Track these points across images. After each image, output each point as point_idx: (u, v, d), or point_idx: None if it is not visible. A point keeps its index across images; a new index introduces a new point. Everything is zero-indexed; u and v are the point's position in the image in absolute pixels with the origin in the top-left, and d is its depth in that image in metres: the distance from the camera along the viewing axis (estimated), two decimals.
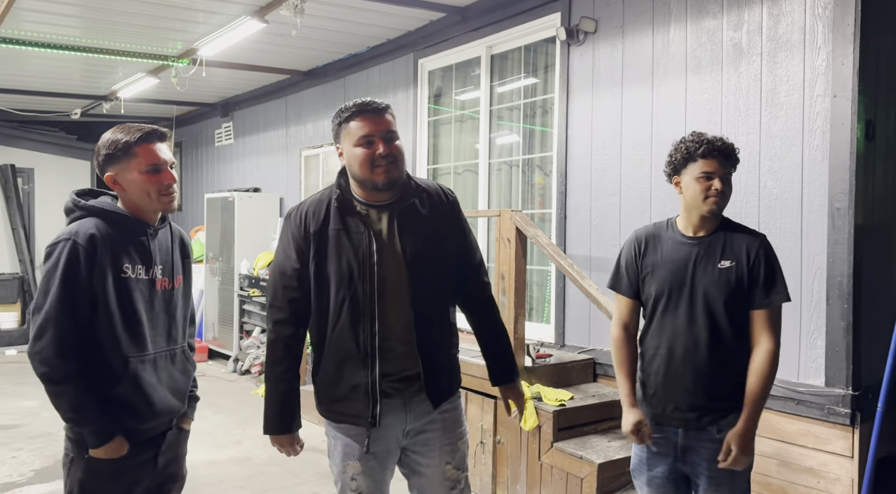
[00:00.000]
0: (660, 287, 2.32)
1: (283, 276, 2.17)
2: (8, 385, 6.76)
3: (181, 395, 2.19)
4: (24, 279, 9.53)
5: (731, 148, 2.28)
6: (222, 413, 5.73)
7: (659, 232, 2.40)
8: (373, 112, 2.13)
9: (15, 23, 5.61)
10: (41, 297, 1.94)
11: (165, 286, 2.13)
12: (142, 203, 2.06)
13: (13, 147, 9.82)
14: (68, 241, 1.95)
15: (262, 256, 7.36)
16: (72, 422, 1.99)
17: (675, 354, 2.28)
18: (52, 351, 1.91)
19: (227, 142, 9.15)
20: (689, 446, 2.29)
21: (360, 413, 2.14)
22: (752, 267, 2.24)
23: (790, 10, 3.45)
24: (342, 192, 2.17)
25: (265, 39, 5.91)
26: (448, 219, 2.26)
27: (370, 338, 2.11)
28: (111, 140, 2.05)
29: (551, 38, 4.74)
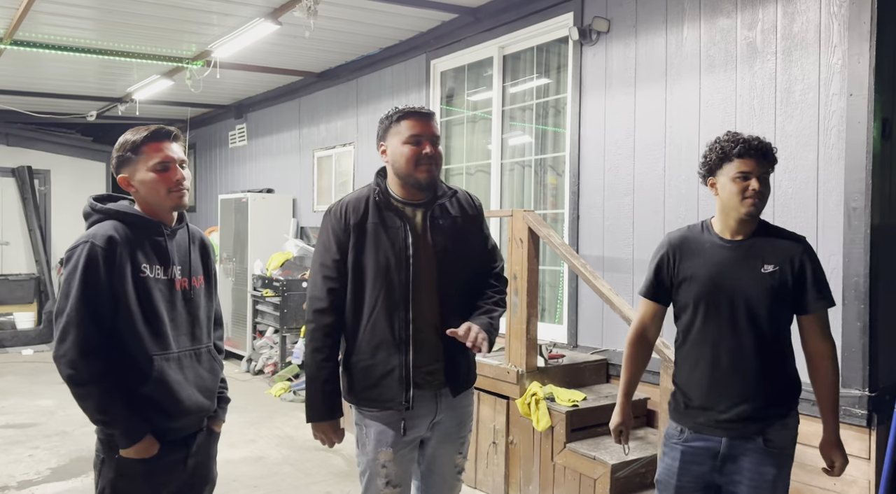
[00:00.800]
0: (700, 293, 2.24)
1: (324, 267, 2.29)
2: (25, 384, 6.84)
3: (209, 393, 2.19)
4: (40, 280, 9.63)
5: (768, 147, 2.21)
6: (235, 412, 5.76)
7: (695, 235, 2.31)
8: (423, 116, 2.29)
9: (32, 26, 5.69)
10: (63, 300, 1.97)
11: (185, 286, 2.14)
12: (153, 201, 2.09)
13: (30, 149, 9.93)
14: (87, 244, 1.98)
15: (275, 257, 7.39)
16: (100, 424, 2.00)
17: (721, 362, 2.21)
18: (75, 353, 1.92)
19: (241, 144, 9.21)
20: (732, 455, 2.22)
21: (394, 397, 2.24)
22: (796, 272, 2.18)
23: (805, 9, 3.43)
24: (381, 190, 2.30)
25: (278, 41, 5.94)
26: (473, 222, 2.42)
27: (405, 326, 2.23)
28: (122, 142, 2.10)
29: (564, 38, 4.73)
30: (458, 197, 2.41)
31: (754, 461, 2.20)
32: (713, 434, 2.23)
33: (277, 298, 6.95)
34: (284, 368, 6.80)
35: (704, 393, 2.24)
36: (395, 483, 2.31)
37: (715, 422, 2.22)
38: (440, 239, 2.29)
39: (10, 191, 9.77)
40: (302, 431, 5.33)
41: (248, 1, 5.07)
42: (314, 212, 7.68)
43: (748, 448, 2.21)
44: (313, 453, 4.83)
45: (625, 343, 2.45)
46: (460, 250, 2.33)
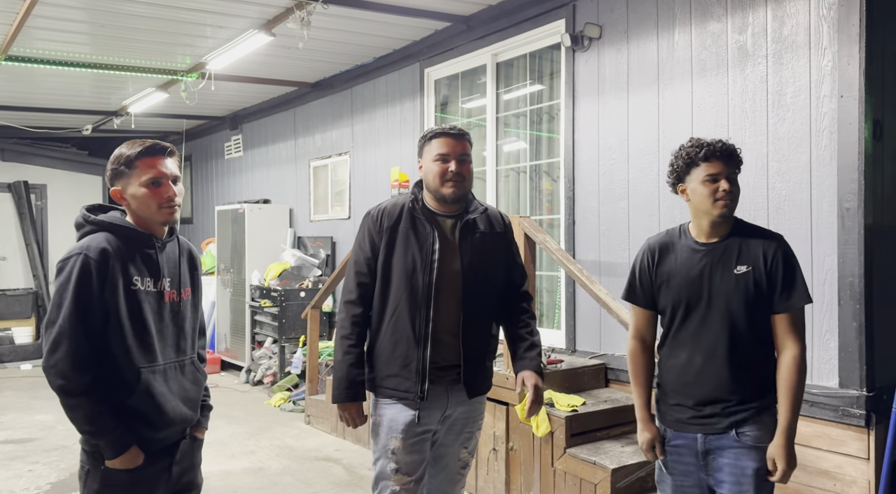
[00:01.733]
0: (676, 296, 2.28)
1: (357, 263, 2.50)
2: (24, 399, 6.82)
3: (193, 404, 2.22)
4: (38, 294, 9.62)
5: (731, 148, 2.25)
6: (235, 423, 5.75)
7: (672, 239, 2.35)
8: (453, 136, 2.46)
9: (26, 41, 5.70)
10: (54, 311, 1.97)
11: (174, 298, 2.16)
12: (145, 215, 2.10)
13: (26, 164, 9.94)
14: (80, 256, 1.98)
15: (272, 267, 7.40)
16: (88, 435, 2.02)
17: (694, 362, 2.26)
18: (67, 364, 1.93)
19: (237, 155, 9.22)
20: (710, 450, 2.26)
21: (409, 388, 2.41)
22: (769, 271, 2.20)
23: (794, 12, 3.46)
24: (416, 199, 2.50)
25: (273, 52, 5.97)
26: (502, 239, 2.58)
27: (424, 324, 2.41)
28: (117, 155, 2.11)
29: (556, 44, 4.76)
30: (489, 214, 2.57)
31: (732, 455, 2.23)
32: (688, 431, 2.29)
33: (276, 308, 6.94)
34: (284, 378, 6.79)
35: (679, 390, 2.30)
36: (406, 471, 2.43)
37: (688, 419, 2.28)
38: (467, 251, 2.46)
39: (7, 207, 9.77)
40: (302, 441, 5.32)
41: (241, 13, 5.09)
42: (311, 221, 7.69)
43: (724, 443, 2.23)
44: (313, 463, 4.82)
45: (627, 358, 2.45)
46: (486, 265, 2.48)
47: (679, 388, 2.29)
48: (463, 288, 2.43)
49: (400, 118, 6.28)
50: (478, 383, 2.53)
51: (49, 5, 4.86)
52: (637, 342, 2.42)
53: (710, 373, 2.24)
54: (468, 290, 2.44)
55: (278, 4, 4.89)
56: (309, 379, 5.89)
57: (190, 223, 10.57)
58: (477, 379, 2.51)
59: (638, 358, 2.42)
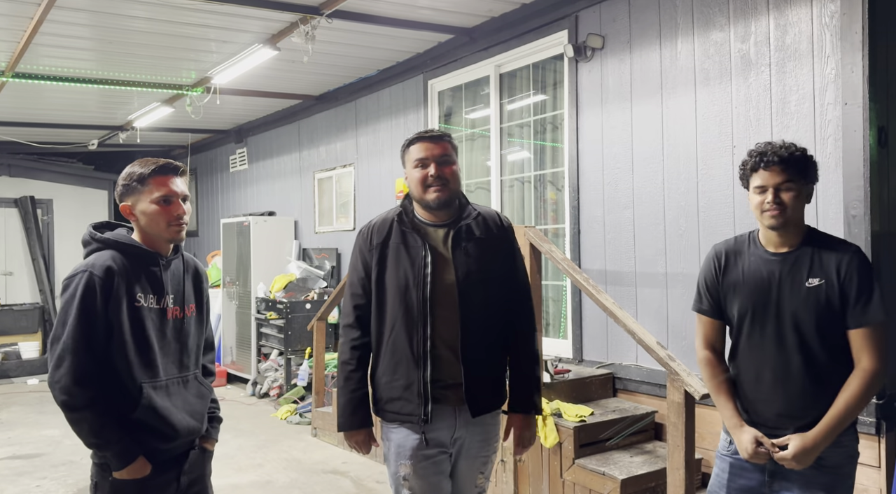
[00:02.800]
0: (742, 307, 2.18)
1: (352, 285, 2.42)
2: (31, 414, 6.82)
3: (199, 416, 2.24)
4: (44, 309, 9.64)
5: (787, 154, 2.10)
6: (242, 436, 5.74)
7: (740, 247, 2.25)
8: (430, 139, 2.36)
9: (33, 58, 5.75)
10: (59, 327, 2.02)
11: (177, 315, 2.20)
12: (153, 232, 2.15)
13: (32, 179, 10.00)
14: (85, 273, 2.03)
15: (278, 279, 7.41)
16: (94, 447, 2.06)
17: (764, 378, 2.15)
18: (70, 380, 1.97)
19: (242, 168, 9.26)
20: (779, 470, 2.14)
21: (413, 411, 2.30)
22: (843, 284, 2.07)
23: (797, 20, 3.47)
24: (405, 211, 2.41)
25: (277, 66, 6.01)
26: (500, 243, 2.43)
27: (423, 342, 2.30)
28: (128, 172, 2.16)
29: (559, 55, 4.78)
30: (484, 216, 2.43)
31: (804, 481, 2.11)
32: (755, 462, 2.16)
33: (281, 320, 6.95)
34: (290, 391, 6.78)
35: (748, 407, 2.19)
36: None
37: None
38: (462, 260, 2.33)
39: (14, 222, 9.82)
40: (309, 454, 5.31)
41: (246, 28, 5.13)
42: (316, 233, 7.71)
43: None
44: (321, 476, 4.80)
45: (699, 367, 2.33)
46: (483, 272, 2.35)
47: (749, 405, 2.19)
48: (459, 300, 2.30)
49: (404, 130, 6.31)
50: (483, 400, 2.36)
51: (56, 23, 4.91)
52: (708, 351, 2.30)
53: (780, 390, 2.13)
54: (465, 302, 2.31)
55: (282, 19, 4.93)
56: (315, 391, 5.89)
57: (195, 236, 10.60)
58: (481, 395, 2.35)
59: (713, 365, 2.28)
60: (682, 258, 4.00)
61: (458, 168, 2.39)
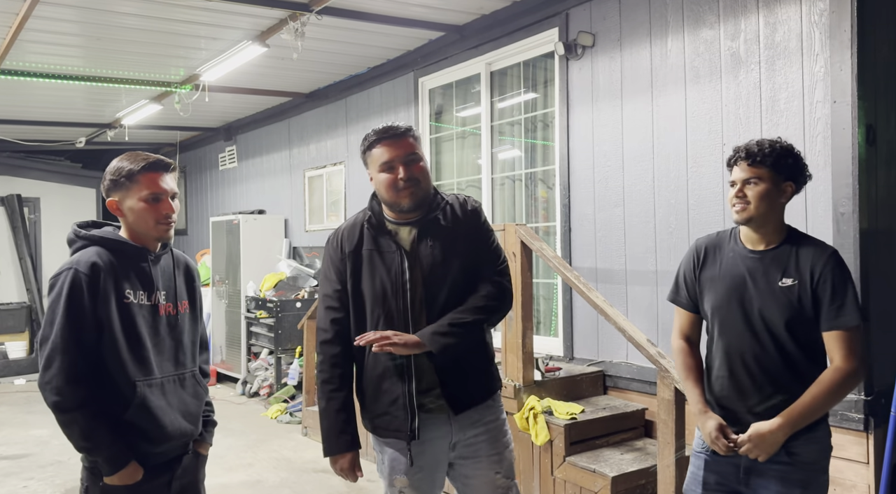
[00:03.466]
0: (715, 303, 2.19)
1: (326, 298, 2.27)
2: (18, 414, 6.76)
3: (193, 418, 2.19)
4: (31, 308, 9.56)
5: (756, 150, 2.10)
6: (232, 436, 5.71)
7: (720, 242, 2.25)
8: (392, 137, 2.20)
9: (19, 55, 5.69)
10: (48, 327, 1.97)
11: (170, 311, 2.15)
12: (140, 229, 2.10)
13: (19, 177, 9.91)
14: (70, 271, 1.98)
15: (268, 277, 7.38)
16: (85, 451, 2.01)
17: (737, 375, 2.15)
18: (61, 380, 1.93)
19: (231, 166, 9.21)
20: (754, 468, 2.13)
21: (399, 427, 2.19)
22: (816, 286, 2.05)
23: (786, 18, 3.48)
24: (374, 214, 2.26)
25: (267, 63, 5.97)
26: (468, 228, 2.26)
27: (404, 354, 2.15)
28: (117, 167, 2.09)
29: (550, 53, 4.78)
30: (452, 205, 2.28)
31: (779, 477, 2.10)
32: (717, 451, 2.16)
33: (271, 319, 6.92)
34: (280, 390, 6.76)
35: (723, 404, 2.19)
36: None
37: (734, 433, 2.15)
38: (427, 255, 2.20)
39: (0, 220, 9.72)
40: (299, 453, 5.29)
41: (235, 24, 5.10)
42: (306, 231, 7.68)
43: (772, 462, 2.10)
44: (311, 475, 4.79)
45: (673, 356, 2.34)
46: (449, 264, 2.19)
47: (723, 402, 2.19)
48: (425, 299, 2.17)
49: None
50: (463, 396, 2.21)
51: (42, 19, 4.86)
52: (682, 341, 2.30)
53: (754, 389, 2.13)
54: (430, 296, 2.17)
55: (272, 16, 4.90)
56: (305, 390, 5.87)
57: (185, 234, 10.54)
58: (460, 391, 2.20)
59: (686, 354, 2.28)
60: (672, 255, 4.01)
61: (425, 162, 2.25)
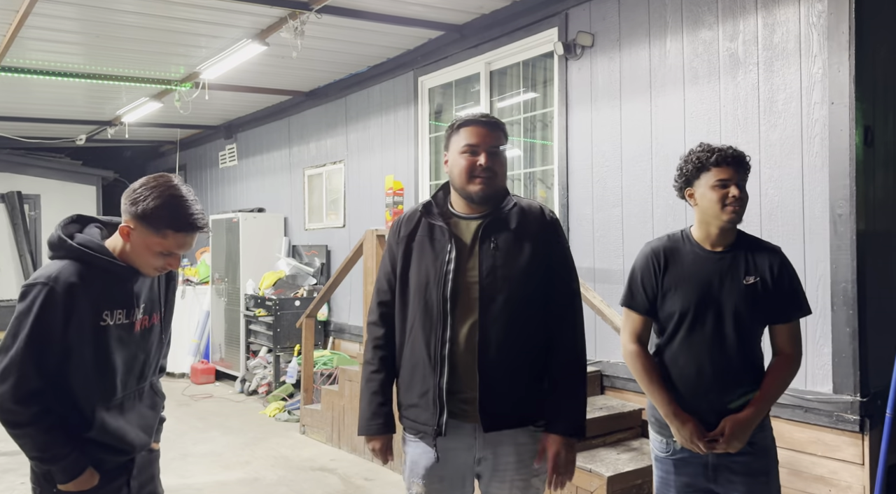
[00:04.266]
0: (685, 303, 2.21)
1: (379, 280, 2.27)
2: None
3: (150, 429, 2.15)
4: None
5: (741, 155, 2.24)
6: (230, 434, 5.72)
7: (676, 245, 2.29)
8: (486, 125, 2.15)
9: (20, 52, 5.70)
10: (9, 338, 1.86)
11: (145, 325, 2.06)
12: (136, 263, 1.97)
13: (19, 174, 9.92)
14: (46, 287, 1.85)
15: (267, 276, 7.38)
16: (38, 461, 1.92)
17: (705, 372, 2.20)
18: (10, 397, 1.84)
19: (231, 164, 9.22)
20: (720, 463, 2.21)
21: (427, 421, 2.11)
22: (776, 283, 2.20)
23: (785, 20, 3.48)
24: (435, 203, 2.23)
25: (266, 61, 5.98)
26: (538, 238, 2.15)
27: (440, 346, 2.09)
28: (155, 206, 1.88)
29: (549, 53, 4.78)
30: (523, 207, 2.18)
31: (744, 469, 2.20)
32: (695, 451, 2.22)
33: (270, 317, 6.92)
34: (278, 388, 6.76)
35: (688, 402, 2.22)
36: None
37: None
38: (488, 255, 2.10)
39: (1, 217, 9.74)
40: (297, 451, 5.29)
41: (234, 23, 5.10)
42: (305, 230, 7.68)
43: (736, 455, 2.20)
44: (309, 473, 4.79)
45: (628, 360, 2.33)
46: (509, 268, 2.10)
47: (688, 399, 2.21)
48: (479, 298, 2.07)
49: (394, 126, 6.29)
50: (500, 414, 2.08)
51: (42, 16, 4.86)
52: (637, 345, 2.31)
53: (721, 385, 2.19)
54: (486, 301, 2.07)
55: (271, 14, 4.90)
56: (304, 388, 5.87)
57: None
58: (498, 408, 2.07)
59: (644, 358, 2.30)
60: None
61: (506, 160, 2.20)
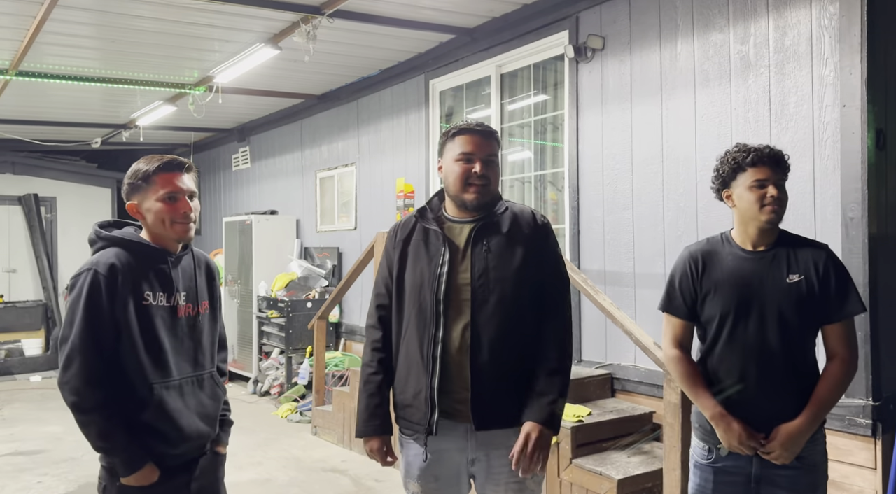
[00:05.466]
0: (726, 305, 2.17)
1: (377, 285, 2.33)
2: (33, 411, 6.86)
3: (211, 420, 2.20)
4: (47, 306, 9.68)
5: (779, 154, 2.19)
6: (243, 434, 5.76)
7: (715, 248, 2.26)
8: (481, 133, 2.22)
9: (37, 57, 5.78)
10: (67, 328, 2.00)
11: (189, 312, 2.16)
12: (159, 230, 2.11)
13: (36, 176, 10.04)
14: (90, 272, 2.00)
15: (279, 277, 7.43)
16: (102, 451, 2.03)
17: (750, 376, 2.14)
18: (80, 381, 1.95)
19: (244, 167, 9.29)
20: (765, 475, 2.14)
21: (420, 420, 2.17)
22: (822, 280, 2.13)
23: (796, 22, 3.47)
24: (430, 208, 2.31)
25: (279, 65, 6.02)
26: (529, 241, 2.20)
27: (433, 346, 2.15)
28: (134, 170, 2.11)
29: (560, 55, 4.79)
30: (514, 212, 2.23)
31: (790, 483, 2.12)
32: (743, 453, 2.15)
33: (282, 319, 6.97)
34: (290, 389, 6.81)
35: (734, 410, 2.15)
36: None
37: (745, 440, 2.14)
38: (480, 258, 2.16)
39: (18, 219, 9.86)
40: (309, 452, 5.33)
41: (248, 27, 5.15)
42: (317, 232, 7.73)
43: (782, 468, 2.11)
44: (320, 474, 4.82)
45: (670, 366, 2.30)
46: (501, 270, 2.15)
47: (734, 406, 2.15)
48: (472, 299, 2.13)
49: (405, 129, 6.32)
50: (492, 412, 2.12)
51: (59, 21, 4.93)
52: (678, 349, 2.27)
53: (768, 390, 2.13)
54: (477, 302, 2.13)
55: (284, 19, 4.94)
56: (315, 389, 5.91)
57: (198, 234, 10.63)
58: (491, 406, 2.11)
59: (686, 363, 2.25)
60: None
61: (499, 168, 2.26)
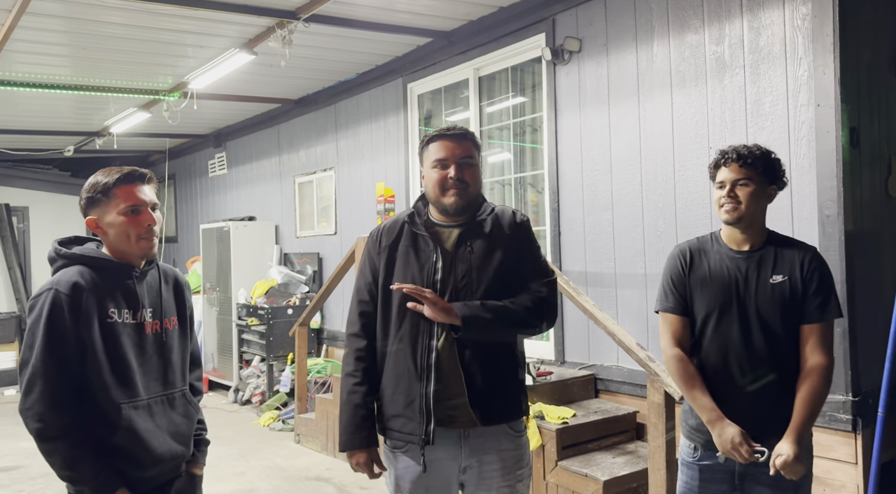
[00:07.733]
0: (709, 303, 2.20)
1: (359, 292, 2.26)
2: (7, 425, 6.71)
3: (185, 439, 2.10)
4: (21, 318, 9.49)
5: (746, 153, 2.18)
6: (224, 444, 5.69)
7: (704, 245, 2.30)
8: (452, 137, 2.20)
9: (6, 64, 5.67)
10: (27, 351, 1.88)
11: (156, 329, 2.06)
12: (122, 247, 2.00)
13: (7, 186, 9.86)
14: (50, 291, 1.90)
15: (259, 284, 7.36)
16: (68, 480, 1.91)
17: (732, 374, 2.17)
18: (43, 406, 1.84)
19: (221, 172, 9.19)
20: (749, 473, 2.16)
21: (413, 430, 2.12)
22: (805, 281, 2.15)
23: (770, 23, 3.51)
24: (417, 213, 2.27)
25: (255, 70, 5.97)
26: (513, 240, 2.21)
27: (426, 354, 2.12)
28: (92, 183, 2.01)
29: (537, 58, 4.80)
30: (498, 214, 2.24)
31: (774, 482, 2.13)
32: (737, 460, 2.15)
33: (263, 326, 6.90)
34: (272, 397, 6.74)
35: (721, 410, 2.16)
36: None
37: None
38: (465, 260, 2.16)
39: None
40: (292, 461, 5.27)
41: (222, 33, 5.10)
42: (297, 237, 7.67)
43: (764, 464, 2.12)
44: (304, 483, 4.78)
45: (669, 365, 2.28)
46: (483, 271, 2.15)
47: (718, 403, 2.16)
48: (457, 301, 2.12)
49: (384, 133, 6.30)
50: (492, 407, 2.12)
51: (28, 29, 4.84)
52: (678, 349, 2.25)
53: (750, 389, 2.15)
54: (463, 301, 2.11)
55: (259, 24, 4.90)
56: (298, 397, 5.85)
57: (175, 242, 10.51)
58: (490, 401, 2.11)
59: (686, 363, 2.23)
60: (660, 259, 4.03)
61: (479, 169, 2.23)
